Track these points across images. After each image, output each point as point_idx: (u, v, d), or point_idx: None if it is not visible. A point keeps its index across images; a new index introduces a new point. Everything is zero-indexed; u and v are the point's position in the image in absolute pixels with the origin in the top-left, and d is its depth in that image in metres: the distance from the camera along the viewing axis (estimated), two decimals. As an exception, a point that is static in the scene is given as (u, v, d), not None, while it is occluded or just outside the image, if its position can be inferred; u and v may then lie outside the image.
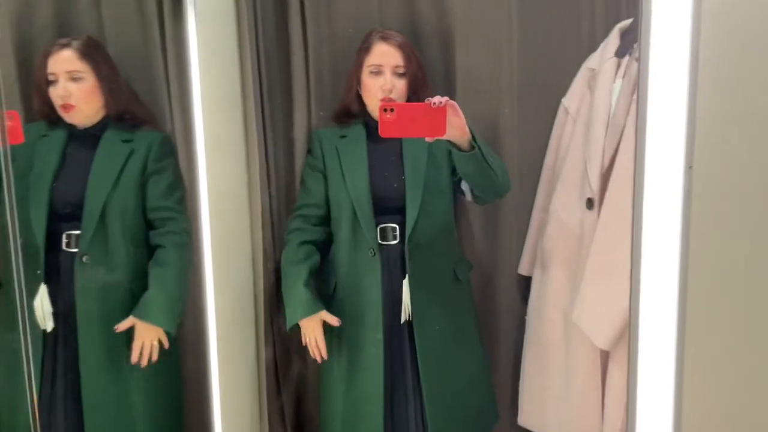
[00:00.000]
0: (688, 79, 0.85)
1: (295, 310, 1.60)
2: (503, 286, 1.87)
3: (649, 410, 0.94)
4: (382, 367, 1.60)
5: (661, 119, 0.87)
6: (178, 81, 1.62)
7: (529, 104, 1.76)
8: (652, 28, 0.87)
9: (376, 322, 1.60)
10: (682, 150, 0.86)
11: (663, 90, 0.87)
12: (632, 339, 0.92)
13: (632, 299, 0.91)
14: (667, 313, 0.91)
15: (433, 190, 1.61)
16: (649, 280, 0.90)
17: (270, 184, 1.77)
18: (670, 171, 0.86)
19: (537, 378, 1.74)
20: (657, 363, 0.92)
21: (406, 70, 1.57)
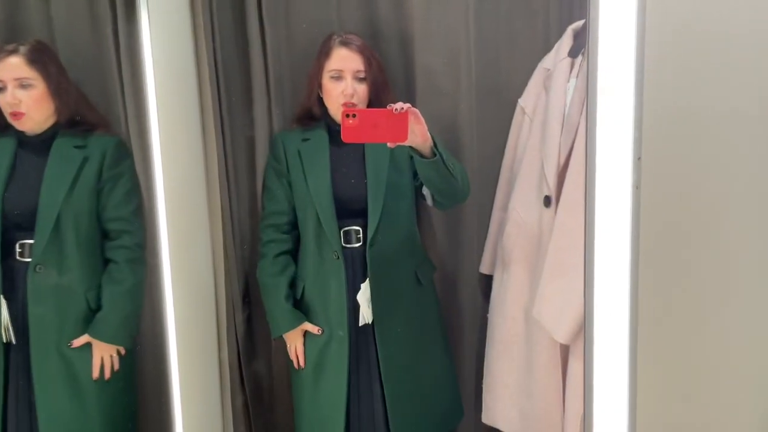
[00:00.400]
0: (634, 76, 0.88)
1: (280, 324, 1.66)
2: (466, 285, 1.89)
3: (605, 401, 0.96)
4: (346, 370, 1.61)
5: (610, 115, 0.89)
6: (132, 83, 1.60)
7: (487, 104, 1.78)
8: (600, 29, 0.90)
9: (342, 325, 1.61)
10: (630, 144, 0.88)
11: (611, 87, 0.89)
12: (587, 332, 0.94)
13: (586, 293, 0.93)
14: (620, 305, 0.93)
15: (395, 193, 1.62)
16: (602, 273, 0.92)
17: (230, 185, 1.75)
18: (619, 164, 0.89)
19: (500, 375, 1.75)
20: (612, 354, 0.94)
21: (367, 74, 1.57)
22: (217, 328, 1.76)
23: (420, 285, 1.70)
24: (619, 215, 0.90)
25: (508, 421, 1.74)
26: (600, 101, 0.89)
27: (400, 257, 1.66)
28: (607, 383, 0.94)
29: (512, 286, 1.71)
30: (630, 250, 0.90)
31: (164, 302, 1.44)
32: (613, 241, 0.92)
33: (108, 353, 1.57)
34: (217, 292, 1.74)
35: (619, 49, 0.88)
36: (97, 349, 1.56)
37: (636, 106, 0.88)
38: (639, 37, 0.88)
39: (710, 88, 0.94)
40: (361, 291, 1.62)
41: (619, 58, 0.89)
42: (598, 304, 0.93)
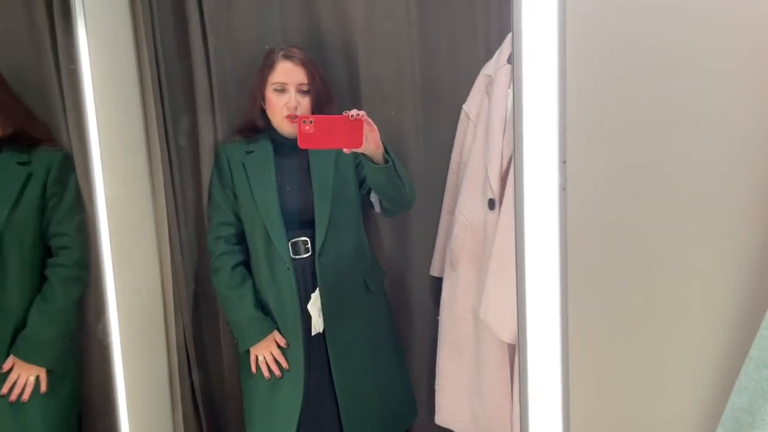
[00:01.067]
0: (557, 83, 0.92)
1: (250, 334, 1.63)
2: (417, 288, 1.92)
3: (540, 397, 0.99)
4: (302, 381, 1.61)
5: (535, 121, 0.92)
6: (72, 96, 1.57)
7: (432, 110, 1.82)
8: (523, 37, 0.93)
9: (296, 336, 1.62)
10: (555, 146, 0.91)
11: (536, 92, 0.92)
12: (520, 330, 0.97)
13: (518, 292, 0.96)
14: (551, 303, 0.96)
15: (341, 202, 1.64)
16: (533, 273, 0.96)
17: (175, 195, 1.74)
18: (546, 167, 0.92)
19: (451, 376, 1.78)
20: (544, 349, 0.97)
21: (311, 87, 1.59)
22: (166, 338, 1.74)
23: (369, 291, 1.72)
24: (548, 216, 0.94)
25: (460, 421, 1.77)
26: (525, 107, 0.92)
27: (349, 265, 1.67)
28: (540, 379, 0.97)
29: (461, 288, 1.75)
30: (559, 249, 0.93)
31: (108, 315, 1.42)
32: (543, 240, 0.95)
33: (26, 374, 1.51)
34: (165, 302, 1.72)
35: (543, 56, 0.92)
36: (17, 369, 1.51)
37: (560, 112, 0.92)
38: (561, 43, 0.92)
39: (631, 92, 0.98)
40: (311, 301, 1.63)
41: (542, 66, 0.92)
42: (530, 303, 0.96)
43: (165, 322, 1.74)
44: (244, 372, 1.71)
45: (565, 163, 0.92)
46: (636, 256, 0.99)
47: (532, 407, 0.96)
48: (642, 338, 1.01)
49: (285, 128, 1.62)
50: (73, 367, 1.62)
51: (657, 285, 1.00)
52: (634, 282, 0.99)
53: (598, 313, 0.99)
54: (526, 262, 0.95)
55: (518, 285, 0.96)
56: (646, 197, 0.99)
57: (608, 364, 1.01)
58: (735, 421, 0.89)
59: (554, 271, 0.95)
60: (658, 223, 0.99)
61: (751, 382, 0.88)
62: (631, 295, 1.00)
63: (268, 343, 1.63)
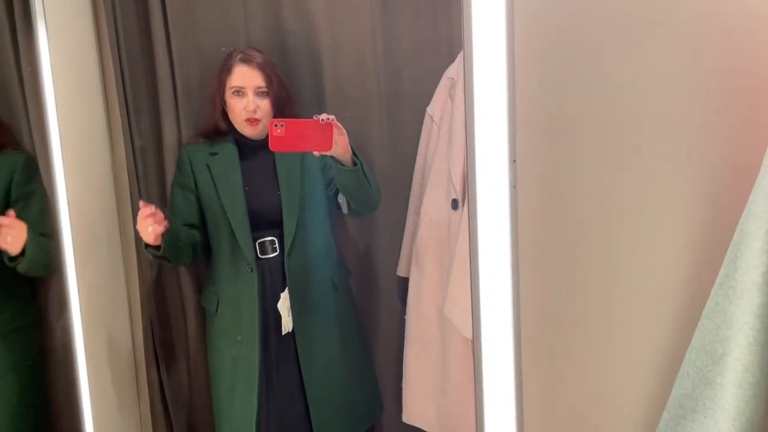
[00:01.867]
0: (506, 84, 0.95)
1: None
2: (384, 288, 1.94)
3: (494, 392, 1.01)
4: (256, 387, 1.62)
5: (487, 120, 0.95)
6: (34, 98, 1.57)
7: (397, 112, 1.85)
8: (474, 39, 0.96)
9: (252, 339, 1.62)
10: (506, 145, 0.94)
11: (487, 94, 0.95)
12: (474, 326, 1.00)
13: (472, 288, 0.99)
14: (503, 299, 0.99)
15: (309, 202, 1.66)
16: (487, 267, 0.98)
17: (140, 195, 1.74)
18: (497, 166, 0.95)
19: (418, 374, 1.81)
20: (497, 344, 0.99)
21: (269, 89, 1.60)
22: (132, 338, 1.73)
23: (337, 290, 1.74)
24: (500, 213, 0.97)
25: (427, 418, 1.79)
26: (477, 108, 0.95)
27: (317, 265, 1.69)
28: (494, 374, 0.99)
29: (426, 287, 1.77)
30: (510, 245, 0.96)
31: (70, 314, 1.42)
32: (496, 237, 0.98)
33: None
34: (130, 301, 1.72)
35: (492, 59, 0.95)
36: None
37: (509, 113, 0.95)
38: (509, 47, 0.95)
39: (579, 93, 1.02)
40: (281, 300, 1.64)
41: (492, 68, 0.95)
42: (484, 300, 0.99)
43: (131, 321, 1.73)
44: (212, 375, 1.71)
45: (515, 162, 0.94)
46: (586, 252, 1.02)
47: (487, 399, 0.99)
48: (592, 330, 1.05)
49: (246, 131, 1.63)
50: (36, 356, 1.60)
51: (605, 279, 1.04)
52: (584, 276, 1.03)
53: (550, 308, 1.02)
54: (480, 258, 0.98)
55: (472, 280, 0.98)
56: (595, 194, 1.03)
57: (560, 359, 1.04)
58: (679, 406, 0.93)
59: (506, 267, 0.98)
60: (607, 219, 1.03)
61: (693, 369, 0.91)
62: (581, 290, 1.03)
63: None
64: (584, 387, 1.06)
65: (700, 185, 1.01)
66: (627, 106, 1.01)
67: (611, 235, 1.03)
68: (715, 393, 0.88)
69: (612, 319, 1.04)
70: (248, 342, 1.62)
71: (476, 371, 1.00)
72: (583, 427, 1.07)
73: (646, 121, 1.00)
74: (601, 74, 1.00)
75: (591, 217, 1.02)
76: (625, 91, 1.01)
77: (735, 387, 0.85)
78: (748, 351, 0.84)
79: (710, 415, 0.89)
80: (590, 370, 1.06)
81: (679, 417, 0.93)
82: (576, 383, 1.06)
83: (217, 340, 1.69)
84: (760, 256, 0.82)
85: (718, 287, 0.90)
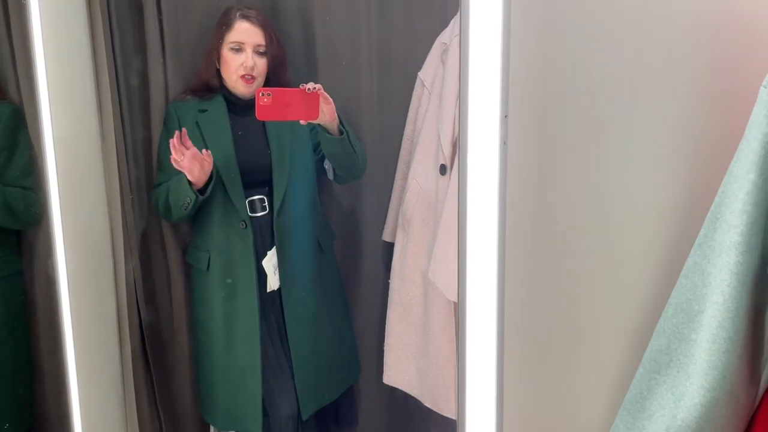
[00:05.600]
0: (501, 40, 0.95)
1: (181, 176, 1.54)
2: (369, 252, 1.96)
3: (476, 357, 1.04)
4: (258, 338, 1.64)
5: (480, 78, 0.96)
6: (23, 48, 1.53)
7: (388, 77, 1.84)
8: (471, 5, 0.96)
9: (251, 293, 1.64)
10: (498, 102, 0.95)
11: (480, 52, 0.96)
12: (460, 285, 1.02)
13: (459, 246, 1.01)
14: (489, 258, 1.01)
15: (298, 162, 1.67)
16: (474, 223, 1.00)
17: (125, 139, 1.73)
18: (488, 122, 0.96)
19: (399, 336, 1.83)
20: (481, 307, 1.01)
21: (268, 49, 1.60)
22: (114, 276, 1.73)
23: (322, 251, 1.76)
24: (490, 169, 0.98)
25: (407, 380, 1.82)
26: (471, 66, 0.96)
27: (304, 225, 1.70)
28: (477, 338, 1.02)
29: (412, 251, 1.79)
30: (498, 201, 0.98)
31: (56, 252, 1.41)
32: (484, 196, 0.99)
33: None
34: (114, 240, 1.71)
35: (488, 14, 0.96)
36: None
37: (503, 72, 0.95)
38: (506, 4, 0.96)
39: (573, 52, 1.03)
40: (266, 258, 1.65)
41: (487, 23, 0.96)
42: (470, 256, 1.01)
43: (114, 260, 1.73)
44: (201, 329, 1.72)
45: (506, 118, 0.96)
46: (572, 211, 1.04)
47: (469, 363, 1.01)
48: (576, 295, 1.07)
49: (240, 88, 1.62)
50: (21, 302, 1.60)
51: (592, 241, 1.06)
52: (570, 237, 1.05)
53: (534, 270, 1.04)
54: (468, 217, 0.99)
55: (460, 238, 1.00)
56: (584, 154, 1.04)
57: (544, 319, 1.06)
58: (653, 362, 0.96)
59: (493, 226, 0.99)
60: (594, 181, 1.05)
61: (669, 325, 0.94)
62: (567, 249, 1.05)
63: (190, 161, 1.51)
64: (567, 354, 1.09)
65: (683, 148, 1.03)
66: (622, 62, 1.02)
67: (598, 196, 1.05)
68: (689, 348, 0.91)
69: (596, 280, 1.07)
70: (247, 296, 1.63)
71: (459, 331, 1.02)
72: (564, 395, 1.10)
73: (637, 79, 1.01)
74: (598, 30, 1.01)
75: (580, 178, 1.04)
76: (620, 47, 1.02)
77: (708, 342, 0.88)
78: (723, 308, 0.87)
79: (683, 370, 0.92)
80: (574, 335, 1.09)
81: (653, 372, 0.97)
82: (560, 348, 1.09)
83: (209, 296, 1.69)
84: (740, 216, 0.85)
85: (697, 248, 0.93)
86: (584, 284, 1.08)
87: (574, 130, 1.03)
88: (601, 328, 1.10)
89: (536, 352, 1.12)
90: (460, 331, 1.05)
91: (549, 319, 1.11)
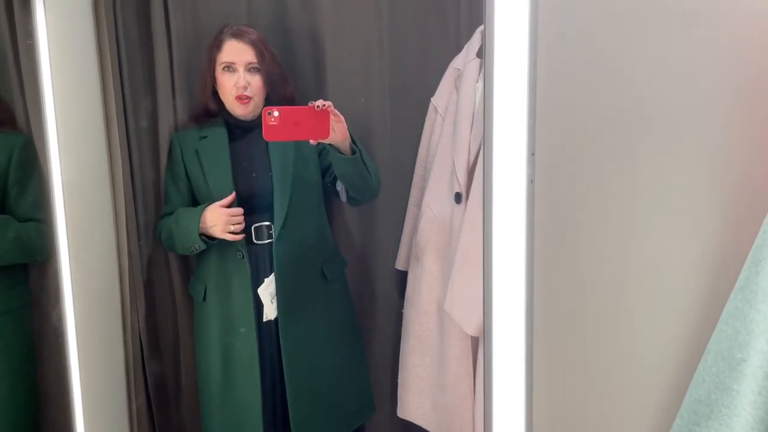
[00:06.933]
0: (527, 75, 0.92)
1: (191, 217, 1.54)
2: (381, 280, 1.91)
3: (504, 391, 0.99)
4: (258, 372, 1.58)
5: (506, 112, 0.92)
6: (30, 74, 1.51)
7: (400, 103, 1.81)
8: (495, 31, 0.92)
9: (249, 323, 1.58)
10: (524, 139, 0.91)
11: (506, 86, 0.92)
12: (486, 322, 0.97)
13: (485, 284, 0.96)
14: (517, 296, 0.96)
15: (302, 187, 1.61)
16: (500, 264, 0.96)
17: (134, 183, 1.70)
18: (514, 159, 0.92)
19: (415, 369, 1.78)
20: (509, 343, 0.97)
21: (260, 66, 1.55)
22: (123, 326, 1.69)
23: (326, 280, 1.68)
24: (516, 208, 0.94)
25: (422, 414, 1.77)
26: (496, 100, 0.92)
27: (306, 252, 1.63)
28: (505, 372, 0.97)
29: (426, 281, 1.74)
30: (525, 241, 0.93)
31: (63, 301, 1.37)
32: (510, 232, 0.95)
33: None
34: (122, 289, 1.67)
35: (514, 48, 0.92)
36: None
37: (530, 105, 0.91)
38: (532, 38, 0.92)
39: (601, 85, 0.99)
40: (263, 285, 1.58)
41: (513, 57, 0.92)
42: (497, 295, 0.96)
43: (122, 309, 1.69)
44: (200, 365, 1.67)
45: (533, 155, 0.91)
46: (603, 250, 1.00)
47: (497, 400, 0.96)
48: (607, 333, 1.02)
49: (237, 110, 1.58)
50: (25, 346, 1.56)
51: (623, 280, 1.01)
52: (600, 276, 1.00)
53: (564, 307, 0.99)
54: (494, 255, 0.95)
55: (485, 278, 0.96)
56: (614, 191, 1.00)
57: (573, 358, 1.02)
58: (693, 412, 0.91)
59: (521, 264, 0.95)
60: (625, 218, 1.00)
61: (709, 375, 0.89)
62: (597, 289, 1.01)
63: (214, 214, 1.53)
64: (596, 388, 1.04)
65: (722, 186, 0.98)
66: (652, 98, 0.98)
67: (632, 234, 1.00)
68: (732, 400, 0.86)
69: (630, 322, 1.02)
70: (244, 328, 1.58)
71: (486, 371, 0.98)
72: (593, 428, 1.05)
73: (668, 117, 0.97)
74: (624, 67, 0.97)
75: (611, 213, 0.99)
76: (650, 83, 0.98)
77: (754, 394, 0.83)
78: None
79: (726, 423, 0.87)
80: (603, 372, 1.03)
81: (692, 424, 0.91)
82: (588, 384, 1.04)
83: (206, 328, 1.64)
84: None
85: (738, 291, 0.88)
86: (615, 329, 1.03)
87: (605, 168, 0.99)
88: (636, 373, 1.05)
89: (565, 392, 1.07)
90: (486, 372, 1.00)
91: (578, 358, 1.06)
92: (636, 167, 1.00)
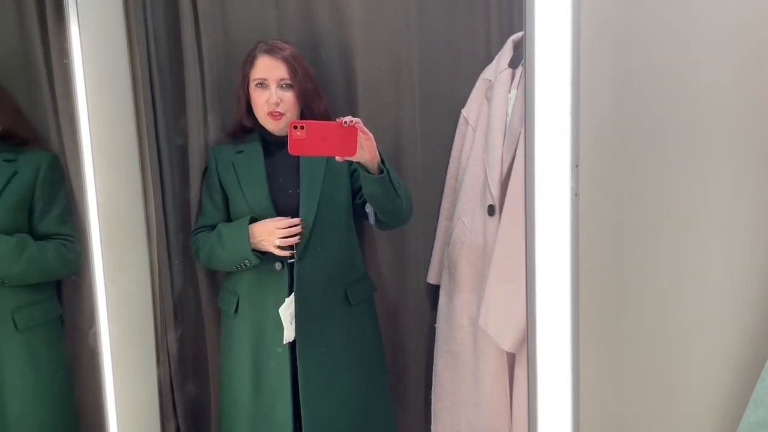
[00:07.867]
0: (570, 86, 0.89)
1: (239, 230, 1.53)
2: (413, 295, 1.88)
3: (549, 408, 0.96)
4: (289, 389, 1.55)
5: (548, 122, 0.89)
6: (64, 93, 1.53)
7: (431, 114, 1.79)
8: (536, 39, 0.90)
9: (281, 340, 1.55)
10: (568, 151, 0.89)
11: (548, 95, 0.89)
12: (530, 339, 0.94)
13: (528, 300, 0.93)
14: (562, 312, 0.93)
15: (330, 205, 1.58)
16: (543, 280, 0.92)
17: (165, 199, 1.70)
18: (557, 172, 0.89)
19: (449, 385, 1.75)
20: (554, 360, 0.94)
21: (293, 81, 1.54)
22: (156, 346, 1.68)
23: (350, 305, 1.62)
24: (559, 222, 0.91)
25: (457, 431, 1.73)
26: (538, 111, 0.89)
27: (331, 273, 1.59)
28: (550, 390, 0.94)
29: (459, 296, 1.71)
30: (570, 256, 0.90)
31: (99, 322, 1.37)
32: (553, 247, 0.92)
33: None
34: (155, 308, 1.67)
35: (556, 58, 0.89)
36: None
37: (573, 115, 0.89)
38: (575, 46, 0.89)
39: (645, 95, 0.96)
40: (284, 305, 1.54)
41: (556, 68, 0.89)
42: (540, 311, 0.93)
43: (155, 329, 1.69)
44: (226, 379, 1.64)
45: (577, 168, 0.89)
46: (649, 262, 0.96)
47: (541, 418, 0.93)
48: (654, 346, 0.98)
49: (269, 125, 1.58)
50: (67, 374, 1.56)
51: (671, 291, 0.97)
52: (647, 288, 0.97)
53: (610, 320, 0.96)
54: (537, 271, 0.92)
55: (528, 294, 0.93)
56: (662, 203, 0.96)
57: (620, 376, 0.98)
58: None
59: (565, 280, 0.92)
60: (672, 228, 0.96)
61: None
62: (644, 302, 0.97)
63: (261, 228, 1.53)
64: (645, 408, 1.00)
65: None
66: (697, 108, 0.95)
67: (680, 244, 0.96)
68: (795, 422, 0.82)
69: (678, 335, 0.98)
70: (277, 343, 1.54)
71: (530, 387, 0.94)
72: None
73: (715, 125, 0.94)
74: (670, 75, 0.94)
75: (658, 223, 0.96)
76: (694, 93, 0.95)
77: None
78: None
79: (788, 446, 0.82)
80: (652, 388, 0.99)
81: (751, 446, 0.87)
82: (637, 404, 1.00)
83: (236, 342, 1.61)
84: None
85: (797, 307, 0.83)
86: (665, 346, 0.99)
87: (652, 180, 0.96)
88: (687, 393, 1.01)
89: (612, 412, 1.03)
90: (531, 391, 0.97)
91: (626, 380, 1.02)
92: (685, 178, 0.96)
